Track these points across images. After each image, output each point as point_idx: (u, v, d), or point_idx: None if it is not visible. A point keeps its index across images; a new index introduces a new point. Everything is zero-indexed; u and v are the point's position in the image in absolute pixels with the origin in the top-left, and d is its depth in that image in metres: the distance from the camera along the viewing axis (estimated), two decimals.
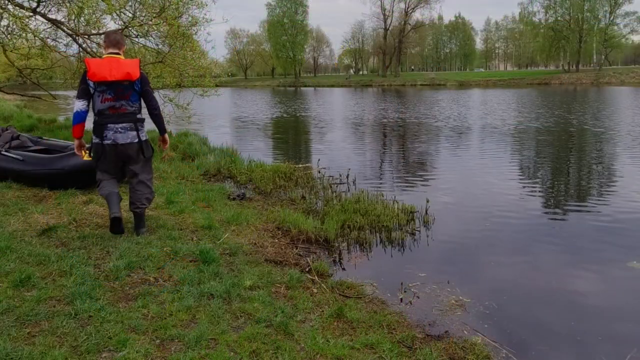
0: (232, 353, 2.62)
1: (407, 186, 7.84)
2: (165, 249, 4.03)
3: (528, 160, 10.12)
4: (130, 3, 9.41)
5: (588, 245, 5.07)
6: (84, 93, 4.06)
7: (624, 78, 58.87)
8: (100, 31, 9.70)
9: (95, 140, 4.13)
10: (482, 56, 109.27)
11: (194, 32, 10.34)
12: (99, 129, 4.10)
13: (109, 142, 4.10)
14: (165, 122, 4.54)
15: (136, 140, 4.17)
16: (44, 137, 7.65)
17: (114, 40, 4.21)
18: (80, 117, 4.07)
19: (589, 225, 5.68)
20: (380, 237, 5.28)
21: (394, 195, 6.65)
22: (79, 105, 4.04)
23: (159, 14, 9.18)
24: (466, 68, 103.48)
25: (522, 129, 15.04)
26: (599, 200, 6.79)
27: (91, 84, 4.02)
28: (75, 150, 4.34)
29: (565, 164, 9.77)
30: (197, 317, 2.97)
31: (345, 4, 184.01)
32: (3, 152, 6.13)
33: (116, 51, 4.18)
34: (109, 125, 4.09)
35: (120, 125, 4.11)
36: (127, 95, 4.13)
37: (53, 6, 9.39)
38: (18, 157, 5.98)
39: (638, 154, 10.21)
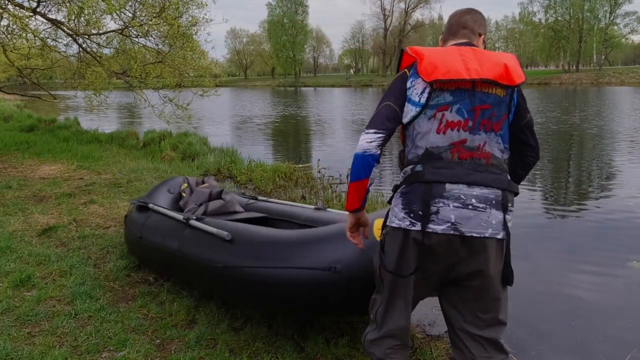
0: (232, 353, 2.62)
1: None
2: None
3: None
4: (130, 3, 9.41)
5: (588, 245, 5.06)
6: (392, 114, 1.91)
7: (624, 78, 58.80)
8: (100, 31, 9.72)
9: (400, 219, 1.90)
10: None
11: (194, 32, 10.37)
12: (419, 191, 1.87)
13: (441, 227, 1.76)
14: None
15: (501, 232, 1.76)
16: (259, 197, 4.13)
17: (463, 23, 1.97)
18: (366, 164, 1.92)
19: (589, 225, 5.68)
20: None
21: None
22: (371, 140, 1.90)
23: (159, 14, 9.19)
24: None
25: None
26: (599, 199, 6.79)
27: (420, 90, 1.82)
28: (348, 234, 2.18)
29: (565, 163, 9.77)
30: (197, 317, 2.97)
31: (345, 4, 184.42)
32: (192, 221, 3.09)
33: (465, 41, 1.94)
34: (450, 186, 1.78)
35: (478, 190, 1.75)
36: (499, 122, 1.81)
37: (53, 6, 9.40)
38: (221, 233, 2.78)
39: (638, 154, 10.21)
